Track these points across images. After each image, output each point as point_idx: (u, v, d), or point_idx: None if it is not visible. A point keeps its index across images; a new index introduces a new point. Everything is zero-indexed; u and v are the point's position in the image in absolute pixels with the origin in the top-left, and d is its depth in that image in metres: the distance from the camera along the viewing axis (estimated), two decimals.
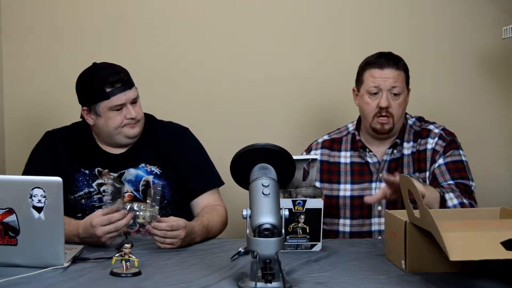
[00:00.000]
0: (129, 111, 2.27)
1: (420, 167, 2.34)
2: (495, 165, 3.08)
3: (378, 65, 2.33)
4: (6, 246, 1.78)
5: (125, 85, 2.26)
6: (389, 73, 2.32)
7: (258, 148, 1.74)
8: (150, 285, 1.68)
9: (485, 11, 3.06)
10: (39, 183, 1.75)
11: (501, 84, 3.10)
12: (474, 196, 2.29)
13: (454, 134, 2.39)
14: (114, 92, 2.24)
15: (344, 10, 3.10)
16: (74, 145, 2.37)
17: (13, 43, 3.13)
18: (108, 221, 1.98)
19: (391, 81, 2.31)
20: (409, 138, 2.38)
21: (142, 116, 2.34)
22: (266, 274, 1.57)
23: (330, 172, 2.43)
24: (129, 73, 2.32)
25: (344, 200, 2.38)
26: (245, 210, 1.65)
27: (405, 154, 2.36)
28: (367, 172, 2.38)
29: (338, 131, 2.51)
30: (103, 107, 2.26)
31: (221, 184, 2.40)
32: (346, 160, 2.42)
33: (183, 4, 3.11)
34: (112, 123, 2.27)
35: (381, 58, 2.35)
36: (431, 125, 2.40)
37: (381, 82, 2.32)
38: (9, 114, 3.15)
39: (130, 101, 2.27)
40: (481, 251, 1.55)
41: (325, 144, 2.47)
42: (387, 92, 2.31)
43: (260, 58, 3.11)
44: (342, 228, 2.38)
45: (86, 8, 3.11)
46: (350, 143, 2.44)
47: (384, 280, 1.72)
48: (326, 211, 2.38)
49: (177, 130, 2.44)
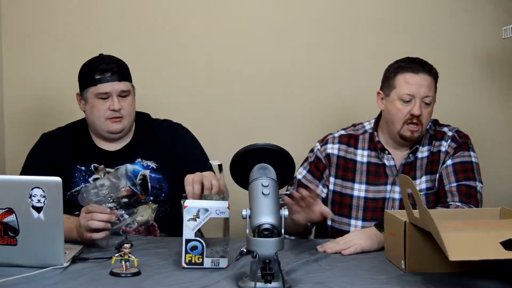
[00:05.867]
0: (113, 102, 2.30)
1: (433, 169, 2.32)
2: (495, 165, 3.07)
3: (413, 70, 2.27)
4: (5, 246, 1.78)
5: (114, 76, 2.30)
6: (423, 79, 2.26)
7: (258, 148, 1.74)
8: (150, 285, 1.68)
9: (485, 11, 3.06)
10: (39, 183, 1.75)
11: (501, 84, 3.10)
12: (478, 198, 2.25)
13: (468, 137, 2.36)
14: (101, 80, 2.30)
15: (347, 10, 3.09)
16: (70, 143, 2.39)
17: (13, 43, 3.13)
18: (87, 210, 2.00)
19: (425, 90, 2.26)
20: (424, 142, 2.35)
21: (130, 113, 2.35)
22: (266, 274, 1.57)
23: (346, 169, 2.38)
24: (127, 68, 2.37)
25: (358, 201, 2.35)
26: (244, 210, 1.65)
27: (419, 157, 2.34)
28: (383, 174, 2.35)
29: (354, 128, 2.45)
30: (91, 93, 2.31)
31: None
32: (363, 159, 2.38)
33: (184, 4, 3.11)
34: (96, 111, 2.31)
35: (414, 62, 2.29)
36: (445, 128, 2.38)
37: (415, 90, 2.25)
38: (9, 114, 3.15)
39: (117, 92, 2.30)
40: (481, 251, 1.55)
41: (342, 139, 2.41)
42: (420, 100, 2.27)
43: (261, 58, 3.11)
44: (353, 228, 2.33)
45: (86, 8, 3.11)
46: (367, 142, 2.39)
47: (384, 280, 1.72)
48: (337, 209, 2.37)
49: (172, 125, 2.47)
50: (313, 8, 3.10)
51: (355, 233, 2.10)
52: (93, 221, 1.97)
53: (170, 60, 3.11)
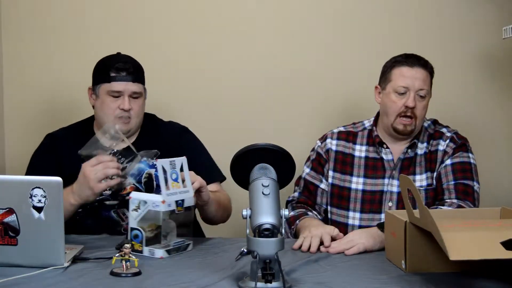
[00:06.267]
0: (124, 102, 2.30)
1: (432, 167, 2.35)
2: (495, 164, 3.08)
3: (408, 63, 2.33)
4: (6, 246, 1.78)
5: (129, 76, 2.31)
6: (418, 72, 2.32)
7: (258, 148, 1.74)
8: (150, 285, 1.68)
9: (485, 11, 3.06)
10: (39, 183, 1.75)
11: (501, 84, 3.10)
12: (474, 197, 2.28)
13: (466, 139, 2.40)
14: (116, 78, 2.30)
15: (348, 10, 3.10)
16: (74, 143, 2.37)
17: (13, 43, 3.13)
18: (97, 161, 2.06)
19: (420, 83, 2.31)
20: (423, 139, 2.39)
21: (138, 115, 2.36)
22: (266, 274, 1.57)
23: (344, 163, 2.42)
24: (142, 70, 2.39)
25: (356, 193, 2.39)
26: (245, 210, 1.65)
27: (419, 154, 2.37)
28: (381, 167, 2.38)
29: (354, 126, 2.50)
30: (103, 89, 2.32)
31: (223, 179, 2.41)
32: (361, 154, 2.42)
33: (184, 4, 3.11)
34: (106, 108, 2.32)
35: (410, 57, 2.35)
36: (444, 128, 2.41)
37: (410, 82, 2.31)
38: (9, 114, 3.15)
39: (129, 93, 2.31)
40: (482, 251, 1.55)
41: (341, 136, 2.46)
42: (415, 93, 2.31)
43: (261, 58, 3.11)
44: (351, 221, 2.38)
45: (86, 8, 3.11)
46: (366, 138, 2.44)
47: (384, 280, 1.72)
48: (336, 201, 2.41)
49: (178, 128, 2.47)
50: (315, 8, 3.10)
51: (357, 232, 2.11)
52: (108, 169, 2.06)
53: (170, 61, 3.11)
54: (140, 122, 2.39)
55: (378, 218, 2.33)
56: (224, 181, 2.41)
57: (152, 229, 1.99)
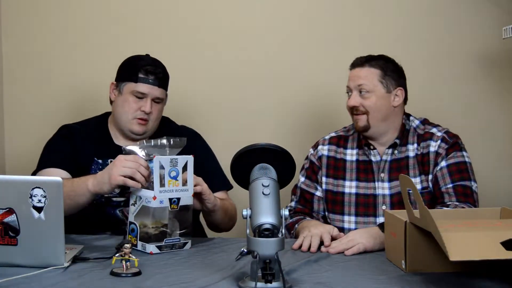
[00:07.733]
0: (146, 104, 2.33)
1: (425, 170, 2.33)
2: (495, 165, 3.08)
3: (351, 67, 2.40)
4: (6, 246, 1.78)
5: (156, 81, 2.34)
6: (357, 71, 2.36)
7: (258, 148, 1.74)
8: (150, 285, 1.68)
9: (485, 11, 3.06)
10: (39, 183, 1.75)
11: (501, 84, 3.10)
12: (474, 197, 2.27)
13: (458, 136, 2.37)
14: (144, 80, 2.32)
15: (342, 10, 3.10)
16: (88, 136, 2.41)
17: (13, 43, 3.13)
18: (134, 159, 2.04)
19: (358, 79, 2.35)
20: (413, 140, 2.38)
21: (156, 119, 2.39)
22: (266, 274, 1.57)
23: (336, 168, 2.43)
24: (168, 77, 2.41)
25: (350, 197, 2.38)
26: (245, 210, 1.65)
27: (410, 156, 2.36)
28: (371, 170, 2.38)
29: (345, 130, 2.51)
30: (128, 88, 2.33)
31: (230, 188, 2.42)
32: (352, 157, 2.43)
33: (184, 4, 3.12)
34: (127, 106, 2.33)
35: (356, 60, 2.40)
36: (434, 128, 2.38)
37: (350, 82, 2.38)
38: (9, 114, 3.15)
39: (153, 97, 2.34)
40: (481, 251, 1.55)
41: (332, 141, 2.48)
42: (357, 91, 2.35)
43: (261, 58, 3.11)
44: (347, 225, 2.37)
45: (86, 8, 3.12)
46: (356, 141, 2.45)
47: (384, 280, 1.72)
48: (331, 206, 2.41)
49: (191, 133, 2.50)
50: (315, 8, 3.11)
51: (358, 231, 2.11)
52: (137, 172, 2.01)
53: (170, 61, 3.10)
54: (156, 126, 2.41)
55: (374, 221, 2.33)
56: (231, 189, 2.42)
57: (157, 226, 2.00)
